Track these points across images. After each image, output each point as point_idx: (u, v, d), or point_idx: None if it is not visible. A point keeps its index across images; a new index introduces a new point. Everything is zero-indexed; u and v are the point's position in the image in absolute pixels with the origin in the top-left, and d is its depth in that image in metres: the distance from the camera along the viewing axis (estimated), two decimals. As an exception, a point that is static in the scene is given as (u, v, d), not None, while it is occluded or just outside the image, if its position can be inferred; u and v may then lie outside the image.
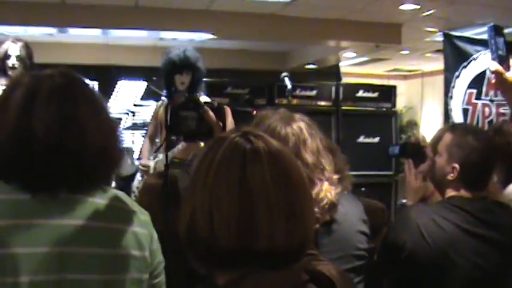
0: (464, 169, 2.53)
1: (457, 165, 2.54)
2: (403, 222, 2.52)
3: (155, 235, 1.78)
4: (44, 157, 1.57)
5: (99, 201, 1.67)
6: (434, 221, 2.41)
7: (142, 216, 1.76)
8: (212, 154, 1.38)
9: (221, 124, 4.19)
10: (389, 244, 2.49)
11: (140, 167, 5.30)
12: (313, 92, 8.73)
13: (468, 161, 2.52)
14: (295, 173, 1.40)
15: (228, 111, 4.84)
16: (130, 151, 8.29)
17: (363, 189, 6.94)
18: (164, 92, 5.23)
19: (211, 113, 4.40)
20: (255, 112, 3.18)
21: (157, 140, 5.38)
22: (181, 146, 4.69)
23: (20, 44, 4.79)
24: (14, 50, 4.75)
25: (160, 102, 5.31)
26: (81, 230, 1.60)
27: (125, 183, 6.11)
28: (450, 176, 2.55)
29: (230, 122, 4.79)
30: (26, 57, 4.76)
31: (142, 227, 1.72)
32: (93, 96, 1.73)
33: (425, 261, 2.36)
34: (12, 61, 4.69)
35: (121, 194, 1.75)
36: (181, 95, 4.94)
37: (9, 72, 4.69)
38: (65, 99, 1.64)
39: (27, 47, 4.82)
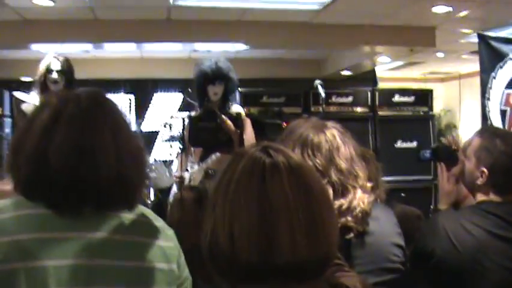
0: (493, 173, 2.51)
1: (485, 170, 2.52)
2: (431, 229, 2.50)
3: (180, 249, 1.80)
4: (58, 182, 1.61)
5: (123, 216, 1.70)
6: (463, 227, 2.39)
7: (169, 231, 1.78)
8: (232, 169, 1.40)
9: (240, 133, 4.25)
10: (419, 251, 2.48)
11: (175, 179, 5.32)
12: (349, 99, 8.72)
13: (496, 164, 2.50)
14: (315, 185, 1.41)
15: (248, 121, 4.91)
16: (168, 163, 8.34)
17: (403, 194, 6.88)
18: (198, 104, 5.24)
19: (229, 122, 4.52)
20: (285, 124, 3.20)
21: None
22: (214, 157, 4.69)
23: (61, 58, 4.88)
24: (56, 65, 4.83)
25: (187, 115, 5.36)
26: (107, 244, 1.63)
27: (164, 196, 6.16)
28: (479, 181, 2.54)
29: (249, 131, 4.88)
30: (68, 72, 4.82)
31: (168, 241, 1.74)
32: (116, 120, 1.74)
33: (455, 267, 2.34)
34: (54, 76, 4.78)
35: (146, 210, 1.78)
36: (215, 106, 4.96)
37: (52, 87, 4.76)
38: (86, 127, 1.66)
39: (69, 62, 4.91)
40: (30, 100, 4.74)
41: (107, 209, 1.67)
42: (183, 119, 5.12)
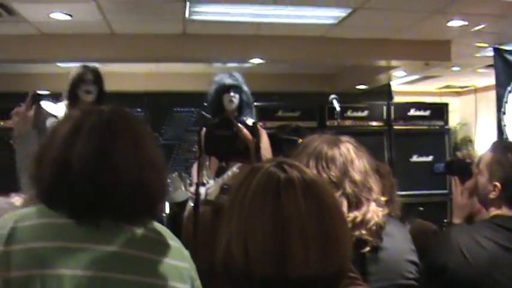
0: (506, 187, 2.50)
1: (498, 184, 2.52)
2: (444, 243, 2.49)
3: (196, 272, 1.81)
4: (79, 188, 1.63)
5: (140, 231, 1.71)
6: (476, 241, 2.38)
7: (185, 251, 1.80)
8: (247, 184, 1.42)
9: (256, 142, 4.24)
10: (432, 265, 2.46)
11: (190, 194, 5.29)
12: (365, 113, 8.71)
13: (509, 178, 2.49)
14: (329, 201, 1.42)
15: (263, 131, 4.90)
16: (184, 178, 8.33)
17: (421, 208, 6.86)
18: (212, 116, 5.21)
19: (245, 131, 4.49)
20: (300, 140, 3.19)
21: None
22: (231, 172, 4.67)
23: (93, 68, 4.80)
24: (89, 75, 4.75)
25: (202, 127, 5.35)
26: (123, 258, 1.64)
27: (179, 209, 6.14)
28: (492, 194, 2.53)
29: (265, 141, 4.88)
30: (100, 82, 4.76)
31: (184, 262, 1.76)
32: (138, 132, 1.77)
33: (468, 281, 2.34)
34: (87, 86, 4.69)
35: (162, 228, 1.79)
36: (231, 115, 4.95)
37: (84, 98, 4.67)
38: (106, 135, 1.70)
39: (100, 72, 4.82)
40: (57, 113, 4.70)
41: (125, 220, 1.69)
42: (199, 129, 5.10)
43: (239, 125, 4.49)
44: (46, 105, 4.82)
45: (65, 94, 4.82)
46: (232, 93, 5.00)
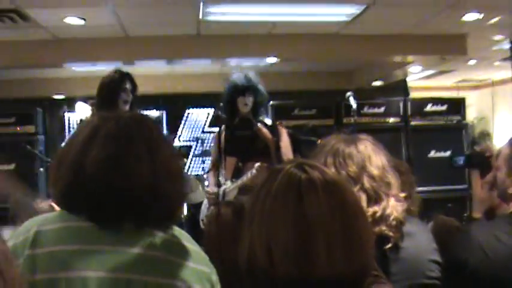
0: None
1: None
2: (464, 239, 2.47)
3: (216, 276, 1.82)
4: (93, 192, 1.66)
5: (161, 235, 1.72)
6: (496, 236, 2.36)
7: (204, 255, 1.81)
8: (268, 185, 1.43)
9: (276, 141, 4.22)
10: (452, 261, 2.44)
11: (207, 195, 5.28)
12: (381, 109, 8.68)
13: None
14: (351, 200, 1.43)
15: (283, 130, 4.89)
16: (200, 178, 8.37)
17: (450, 205, 6.86)
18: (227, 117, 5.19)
19: (265, 130, 4.48)
20: (319, 141, 3.18)
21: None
22: (250, 174, 4.67)
23: (130, 77, 4.69)
24: (127, 84, 4.64)
25: (218, 127, 5.31)
26: (145, 260, 1.65)
27: (196, 210, 6.16)
28: (511, 189, 2.50)
29: (285, 139, 4.86)
30: (135, 91, 4.67)
31: (203, 265, 1.76)
32: (154, 138, 1.78)
33: (488, 277, 2.31)
34: (126, 97, 4.58)
35: (182, 232, 1.80)
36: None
37: (121, 107, 4.54)
38: (121, 141, 1.72)
39: (134, 80, 4.72)
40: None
41: (145, 225, 1.70)
42: (219, 130, 5.10)
43: (259, 124, 4.48)
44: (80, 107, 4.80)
45: (97, 101, 4.68)
46: (247, 96, 4.94)
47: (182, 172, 1.86)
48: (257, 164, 4.51)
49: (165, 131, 9.54)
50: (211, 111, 9.93)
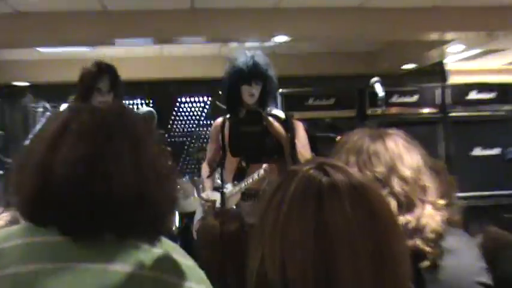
0: None
1: None
2: None
3: None
4: (64, 199, 1.63)
5: (150, 249, 1.71)
6: None
7: (200, 272, 1.80)
8: (282, 191, 1.44)
9: (291, 138, 4.19)
10: (503, 280, 2.44)
11: (202, 202, 5.25)
12: (414, 98, 8.64)
13: None
14: (383, 209, 1.44)
15: (299, 124, 4.84)
16: (196, 182, 8.38)
17: (506, 215, 6.85)
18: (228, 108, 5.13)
19: (276, 125, 4.43)
20: (339, 138, 3.15)
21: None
22: (257, 175, 4.66)
23: (110, 72, 4.78)
24: (104, 81, 4.74)
25: (219, 119, 5.25)
26: (134, 279, 1.64)
27: (191, 220, 6.18)
28: None
29: (302, 135, 4.82)
30: (117, 89, 4.77)
31: (200, 283, 1.75)
32: (138, 134, 1.78)
33: None
34: (101, 97, 4.68)
35: (174, 245, 1.79)
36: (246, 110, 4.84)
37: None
38: (98, 137, 1.71)
39: (116, 75, 4.82)
40: None
41: (129, 237, 1.69)
42: (222, 122, 5.03)
43: (270, 118, 4.42)
44: None
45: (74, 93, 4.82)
46: (253, 85, 4.85)
47: (172, 174, 1.84)
48: (265, 165, 4.49)
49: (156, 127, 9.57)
50: (208, 100, 9.94)
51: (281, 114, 4.91)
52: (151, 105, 9.79)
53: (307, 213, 1.38)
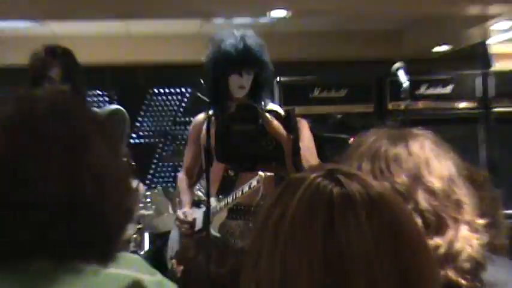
0: None
1: None
2: None
3: None
4: None
5: (101, 271, 1.72)
6: None
7: (172, 286, 1.83)
8: (282, 205, 1.43)
9: (294, 140, 4.15)
10: None
11: (176, 222, 5.21)
12: (448, 89, 8.68)
13: None
14: (407, 226, 1.43)
15: (303, 123, 4.82)
16: (172, 194, 8.39)
17: None
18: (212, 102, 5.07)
19: (276, 123, 4.37)
20: (352, 139, 3.12)
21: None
22: (248, 187, 4.64)
23: (62, 59, 4.85)
24: (53, 71, 4.80)
25: (201, 115, 5.22)
26: None
27: (163, 243, 6.19)
28: None
29: (307, 137, 4.84)
30: (71, 78, 4.82)
31: None
32: (81, 131, 1.78)
33: None
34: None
35: (135, 259, 1.84)
36: (235, 104, 4.71)
37: None
38: (21, 132, 1.71)
39: (70, 62, 4.89)
40: None
41: (69, 259, 1.69)
42: (207, 120, 4.91)
43: (267, 115, 4.37)
44: None
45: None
46: (244, 75, 4.87)
47: (125, 182, 1.84)
48: (260, 173, 4.47)
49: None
50: (186, 92, 9.95)
51: (280, 109, 4.88)
52: (115, 99, 9.79)
53: (315, 230, 1.37)
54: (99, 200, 1.71)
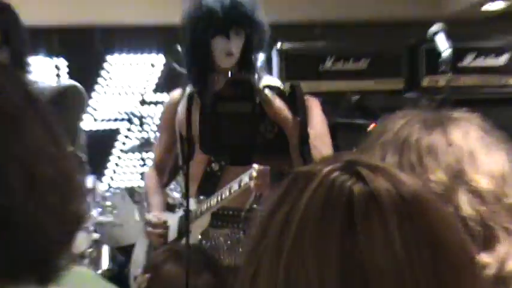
0: None
1: None
2: None
3: None
4: None
5: None
6: None
7: None
8: (287, 207, 1.39)
9: (301, 123, 4.10)
10: None
11: (147, 228, 5.20)
12: (502, 59, 8.65)
13: None
14: (449, 237, 1.40)
15: (314, 102, 4.76)
16: (139, 195, 8.39)
17: None
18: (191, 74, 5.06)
19: (278, 104, 4.29)
20: (372, 125, 3.09)
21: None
22: (238, 185, 4.62)
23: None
24: None
25: (176, 92, 5.21)
26: None
27: (127, 260, 6.19)
28: None
29: (319, 120, 4.75)
30: (14, 42, 4.89)
31: None
32: (8, 113, 1.75)
33: None
34: None
35: (86, 274, 1.79)
36: (222, 77, 4.72)
37: None
38: None
39: (12, 17, 4.97)
40: None
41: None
42: (187, 98, 4.83)
43: (267, 91, 4.28)
44: None
45: None
46: (232, 38, 4.89)
47: (73, 179, 1.81)
48: (255, 167, 4.48)
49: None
50: (158, 60, 9.95)
51: (280, 85, 4.82)
52: (65, 70, 9.79)
53: (328, 243, 1.34)
54: (33, 203, 1.68)
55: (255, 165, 4.48)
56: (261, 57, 5.17)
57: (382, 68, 8.51)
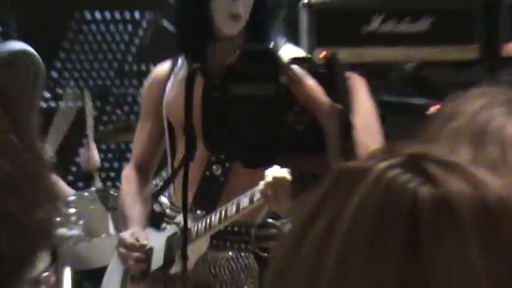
0: None
1: None
2: None
3: None
4: None
5: None
6: None
7: None
8: (330, 214, 1.34)
9: (343, 112, 3.93)
10: None
11: (120, 250, 5.09)
12: None
13: None
14: None
15: (359, 81, 4.52)
16: (110, 202, 8.33)
17: None
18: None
19: (310, 84, 4.05)
20: (434, 107, 2.94)
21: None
22: (248, 200, 4.47)
23: None
24: None
25: (164, 65, 5.16)
26: None
27: (97, 285, 6.14)
28: None
29: (366, 107, 4.47)
30: None
31: None
32: None
33: None
34: None
35: None
36: (229, 47, 4.77)
37: None
38: None
39: None
40: None
41: None
42: (188, 74, 4.75)
43: (295, 67, 4.13)
44: None
45: None
46: None
47: (38, 176, 1.75)
48: (267, 174, 4.29)
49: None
50: (142, 21, 9.91)
51: (299, 53, 4.68)
52: (19, 31, 9.78)
53: (385, 261, 1.27)
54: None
55: (269, 173, 4.41)
56: (279, 19, 5.06)
57: (449, 31, 8.44)
